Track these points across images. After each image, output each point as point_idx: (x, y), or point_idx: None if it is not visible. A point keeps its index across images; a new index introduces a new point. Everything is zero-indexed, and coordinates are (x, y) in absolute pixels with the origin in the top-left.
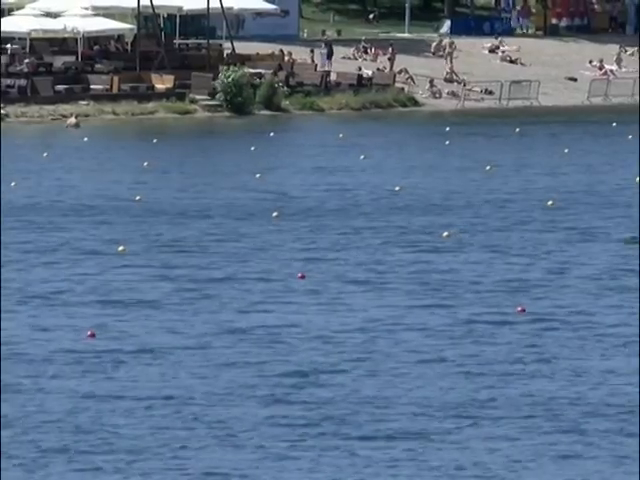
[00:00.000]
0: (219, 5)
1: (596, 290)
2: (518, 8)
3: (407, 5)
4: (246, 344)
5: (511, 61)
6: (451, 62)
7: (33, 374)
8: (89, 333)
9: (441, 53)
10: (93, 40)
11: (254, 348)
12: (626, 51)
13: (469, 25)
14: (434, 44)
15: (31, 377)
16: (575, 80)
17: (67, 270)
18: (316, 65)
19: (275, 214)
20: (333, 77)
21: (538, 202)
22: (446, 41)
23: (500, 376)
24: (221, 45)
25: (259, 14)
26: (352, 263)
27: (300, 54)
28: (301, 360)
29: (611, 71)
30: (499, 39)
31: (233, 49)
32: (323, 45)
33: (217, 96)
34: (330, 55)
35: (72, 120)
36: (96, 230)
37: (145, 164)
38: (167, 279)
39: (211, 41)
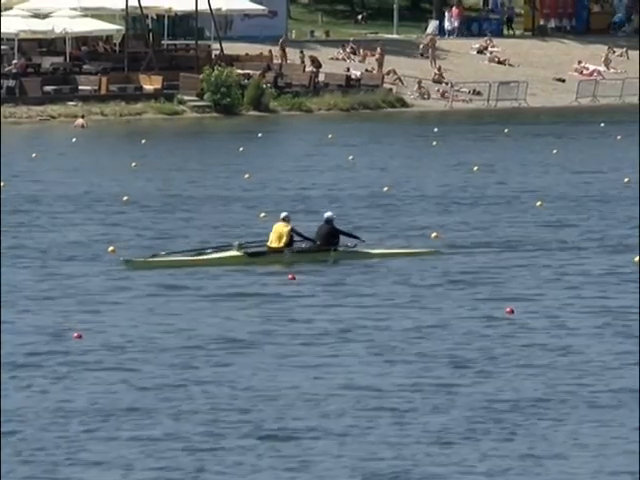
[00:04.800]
0: (207, 6)
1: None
2: (454, 9)
3: (395, 6)
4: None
5: (499, 62)
6: (434, 61)
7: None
8: (76, 335)
9: (428, 55)
10: (81, 41)
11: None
12: (614, 52)
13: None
14: (421, 45)
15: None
16: (563, 81)
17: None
18: (304, 66)
19: (263, 214)
20: (321, 78)
21: (527, 202)
22: (428, 38)
23: None
24: (209, 46)
25: (247, 15)
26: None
27: (288, 55)
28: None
29: (599, 72)
30: (486, 40)
31: (221, 50)
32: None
33: (205, 97)
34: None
35: (80, 121)
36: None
37: (133, 164)
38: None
39: (199, 42)
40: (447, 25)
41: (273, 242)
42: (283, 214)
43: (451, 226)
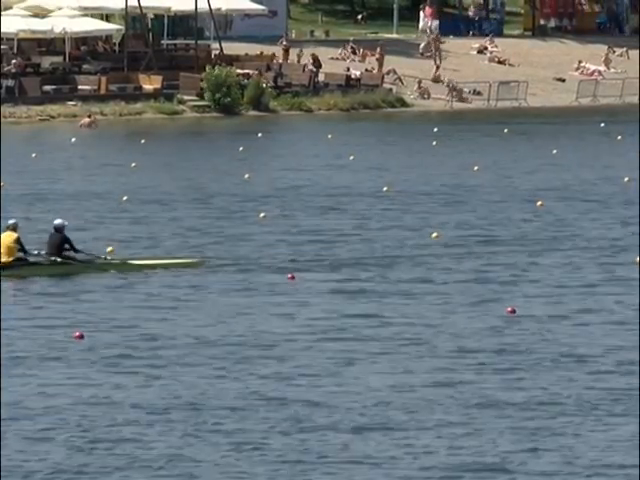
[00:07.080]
0: (207, 6)
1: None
2: (427, 9)
3: (395, 6)
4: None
5: (499, 62)
6: (440, 60)
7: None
8: (77, 334)
9: (429, 54)
10: (81, 40)
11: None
12: (614, 52)
13: (457, 26)
14: (422, 45)
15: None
16: (563, 81)
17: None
18: (304, 66)
19: (262, 215)
20: (321, 78)
21: (527, 202)
22: (432, 37)
23: None
24: (209, 46)
25: (247, 15)
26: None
27: (290, 55)
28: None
29: (599, 72)
30: (487, 39)
31: (221, 49)
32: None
33: (205, 97)
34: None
35: (86, 120)
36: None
37: (133, 164)
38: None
39: (199, 42)
40: (421, 25)
41: (3, 256)
42: (11, 221)
43: (450, 225)
